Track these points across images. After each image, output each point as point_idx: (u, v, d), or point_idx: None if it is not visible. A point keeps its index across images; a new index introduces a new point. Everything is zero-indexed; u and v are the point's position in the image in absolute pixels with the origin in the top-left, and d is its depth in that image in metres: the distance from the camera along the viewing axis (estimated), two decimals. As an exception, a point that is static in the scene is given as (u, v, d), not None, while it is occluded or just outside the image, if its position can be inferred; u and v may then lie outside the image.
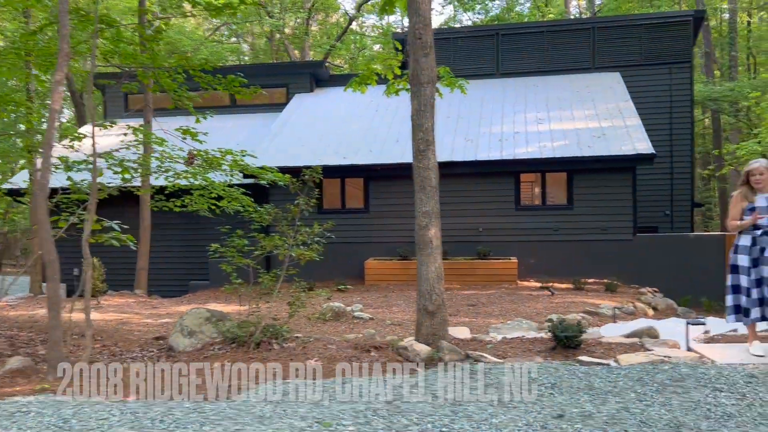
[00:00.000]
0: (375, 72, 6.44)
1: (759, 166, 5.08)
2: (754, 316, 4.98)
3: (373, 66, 6.37)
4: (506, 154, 13.96)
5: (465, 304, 11.63)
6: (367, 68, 6.42)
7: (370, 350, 5.49)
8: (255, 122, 18.08)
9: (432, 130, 5.42)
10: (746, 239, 5.08)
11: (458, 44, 18.22)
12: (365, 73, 6.42)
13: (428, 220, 5.40)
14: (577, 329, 5.19)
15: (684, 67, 16.95)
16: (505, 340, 5.78)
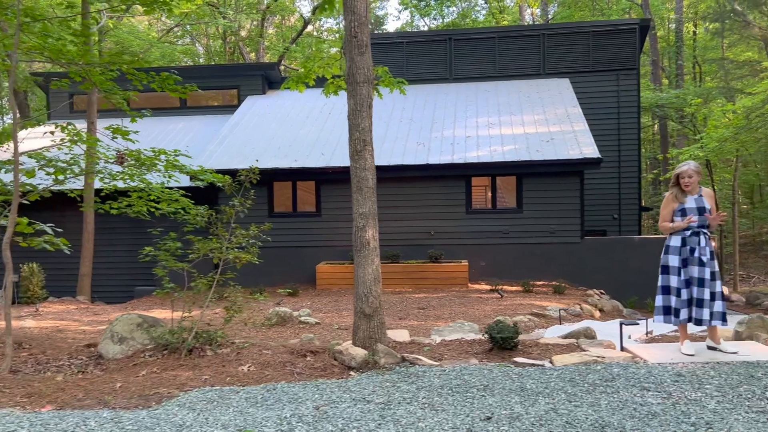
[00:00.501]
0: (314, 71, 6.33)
1: (688, 168, 5.16)
2: (683, 317, 5.04)
3: (310, 65, 6.25)
4: (457, 158, 14.01)
5: (416, 307, 11.60)
6: (305, 67, 6.30)
7: (306, 355, 5.36)
8: (205, 124, 17.73)
9: (369, 130, 5.34)
10: (676, 240, 5.15)
11: (412, 49, 18.27)
12: (303, 72, 6.29)
13: (365, 222, 5.31)
14: (513, 331, 5.17)
15: (631, 73, 17.36)
16: (444, 342, 5.73)
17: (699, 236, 5.07)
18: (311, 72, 6.26)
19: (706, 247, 5.07)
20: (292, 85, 6.42)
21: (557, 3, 33.93)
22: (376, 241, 5.40)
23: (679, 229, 5.11)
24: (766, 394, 3.96)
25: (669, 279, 5.16)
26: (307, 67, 6.23)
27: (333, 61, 6.18)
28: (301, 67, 6.26)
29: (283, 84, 6.53)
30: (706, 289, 5.00)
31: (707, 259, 5.04)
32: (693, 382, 4.28)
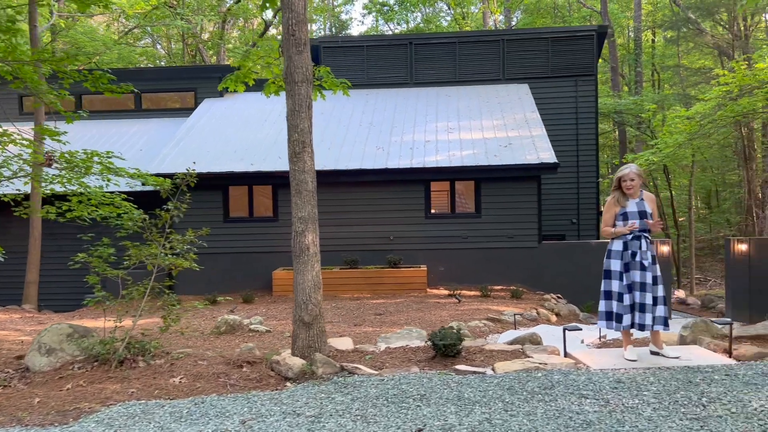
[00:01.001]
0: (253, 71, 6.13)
1: (630, 171, 5.12)
2: (625, 323, 4.98)
3: (249, 64, 6.05)
4: (416, 162, 13.93)
5: (373, 313, 11.45)
6: (243, 66, 6.10)
7: (242, 366, 5.14)
8: (161, 127, 17.31)
9: (309, 131, 5.17)
10: (618, 244, 5.10)
11: (372, 53, 18.16)
12: (242, 71, 6.09)
13: (305, 226, 5.13)
14: (455, 337, 5.05)
15: (589, 79, 17.55)
16: (388, 350, 5.58)
17: (640, 240, 5.03)
18: (250, 72, 6.06)
19: (648, 251, 5.03)
20: (230, 84, 6.20)
21: (520, 10, 34.31)
22: (317, 246, 5.23)
23: (621, 235, 5.06)
24: (702, 400, 3.90)
25: (611, 284, 5.10)
26: (245, 66, 6.04)
27: (272, 60, 6.00)
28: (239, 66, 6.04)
29: (221, 84, 6.33)
30: (648, 293, 4.95)
31: (649, 263, 5.00)
32: (632, 388, 4.21)
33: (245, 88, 6.34)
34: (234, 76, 6.13)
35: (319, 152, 14.51)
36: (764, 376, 4.39)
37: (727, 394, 4.01)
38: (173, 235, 5.90)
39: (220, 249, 14.22)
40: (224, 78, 6.21)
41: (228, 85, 6.21)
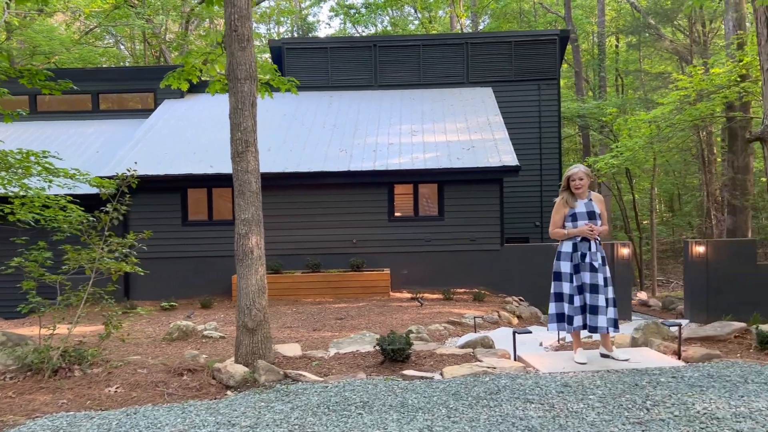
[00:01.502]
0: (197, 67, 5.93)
1: (579, 170, 5.07)
2: (576, 325, 4.93)
3: (192, 60, 5.85)
4: (379, 165, 13.81)
5: (333, 317, 11.28)
6: (186, 63, 5.90)
7: (183, 374, 4.95)
8: (119, 128, 16.89)
9: (253, 130, 5.00)
10: (568, 246, 5.04)
11: (336, 55, 18.02)
12: (185, 68, 5.89)
13: (248, 229, 4.97)
14: (404, 342, 4.93)
15: (552, 83, 17.68)
16: (338, 356, 5.44)
17: (590, 241, 4.98)
18: (194, 69, 5.87)
19: (598, 253, 4.99)
20: (173, 82, 6.00)
21: (488, 15, 34.53)
22: (261, 249, 5.06)
23: (572, 236, 5.01)
24: (646, 403, 3.85)
25: (561, 286, 5.04)
26: (188, 63, 5.84)
27: (215, 57, 5.82)
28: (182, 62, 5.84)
29: (163, 81, 6.11)
30: (600, 295, 4.90)
31: (599, 264, 4.95)
32: (578, 392, 4.14)
33: (189, 86, 6.14)
34: (176, 73, 5.93)
35: (281, 154, 14.32)
36: (710, 378, 4.37)
37: (671, 396, 3.96)
38: (113, 238, 5.66)
39: (179, 253, 13.91)
40: (166, 75, 6.00)
41: (170, 83, 6.00)
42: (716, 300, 13.49)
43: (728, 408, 3.69)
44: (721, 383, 4.22)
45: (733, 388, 4.12)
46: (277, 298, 13.20)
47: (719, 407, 3.72)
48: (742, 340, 5.59)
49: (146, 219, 14.09)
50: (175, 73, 5.93)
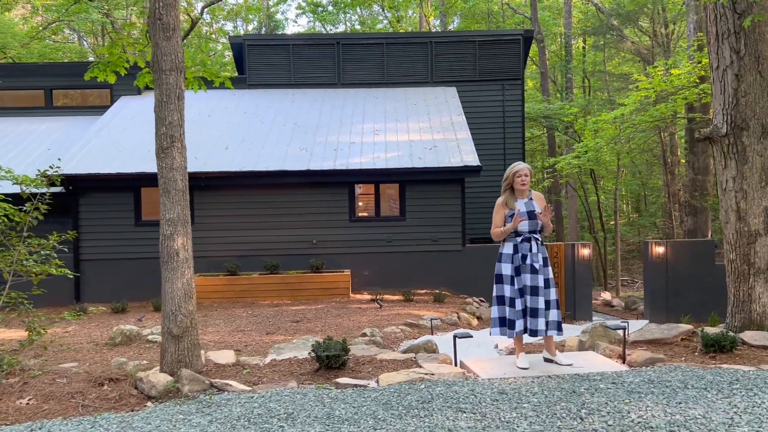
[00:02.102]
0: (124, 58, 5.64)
1: (524, 167, 4.92)
2: (518, 329, 4.76)
3: (117, 51, 5.55)
4: (340, 164, 13.57)
5: (290, 320, 11.01)
6: (110, 53, 5.59)
7: (104, 384, 4.65)
8: (73, 125, 16.36)
9: (179, 125, 4.74)
10: (509, 247, 4.88)
11: (299, 52, 17.72)
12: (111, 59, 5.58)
13: (173, 229, 4.70)
14: (340, 348, 4.71)
15: (516, 84, 17.63)
16: (274, 363, 5.19)
17: (530, 242, 4.82)
18: (121, 60, 5.57)
19: (539, 254, 4.83)
20: (99, 74, 5.69)
21: (457, 16, 34.52)
22: (188, 251, 4.79)
23: (509, 231, 4.84)
24: (581, 412, 3.69)
25: (503, 288, 4.87)
26: (114, 53, 5.54)
27: (143, 48, 5.53)
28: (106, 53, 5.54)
29: (87, 72, 5.79)
30: (541, 297, 4.74)
31: (540, 265, 4.80)
32: (513, 400, 3.97)
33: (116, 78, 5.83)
34: (102, 64, 5.62)
35: (240, 153, 13.99)
36: (650, 383, 4.24)
37: (608, 404, 3.81)
38: (33, 240, 5.32)
39: (133, 254, 13.49)
40: (90, 67, 5.69)
41: (95, 74, 5.69)
42: (676, 300, 13.56)
43: (663, 416, 3.55)
44: (661, 389, 4.09)
45: (672, 394, 3.99)
46: (233, 301, 12.88)
47: (655, 415, 3.57)
48: (688, 342, 5.50)
49: (98, 219, 13.64)
50: (101, 65, 5.62)
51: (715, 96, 6.27)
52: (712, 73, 6.27)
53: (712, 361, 4.96)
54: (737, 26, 5.95)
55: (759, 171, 6.00)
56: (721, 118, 6.15)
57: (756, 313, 6.01)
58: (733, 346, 5.08)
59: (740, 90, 6.00)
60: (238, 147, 14.19)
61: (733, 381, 4.25)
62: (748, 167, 6.02)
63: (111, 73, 5.65)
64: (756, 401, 3.78)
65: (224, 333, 9.91)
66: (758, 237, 6.00)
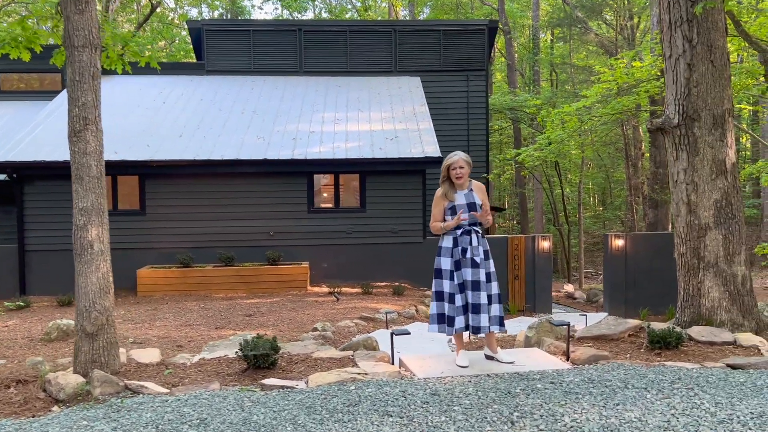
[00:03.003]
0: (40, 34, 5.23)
1: (459, 158, 4.67)
2: (458, 326, 4.52)
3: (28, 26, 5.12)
4: (298, 154, 13.22)
5: (242, 314, 10.68)
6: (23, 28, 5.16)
7: (10, 386, 4.29)
8: (21, 111, 15.70)
9: (94, 106, 4.39)
10: (448, 240, 4.64)
11: (259, 38, 17.25)
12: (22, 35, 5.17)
13: (87, 219, 4.35)
14: (269, 347, 4.43)
15: (480, 75, 17.45)
16: (202, 362, 4.89)
17: (471, 235, 4.59)
18: (35, 36, 5.17)
19: (480, 247, 4.60)
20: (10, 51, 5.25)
21: (427, 6, 34.23)
22: (103, 243, 4.45)
23: (450, 229, 4.61)
24: (513, 415, 3.48)
25: (442, 284, 4.63)
26: (27, 27, 5.13)
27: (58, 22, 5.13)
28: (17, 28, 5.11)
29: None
30: (482, 292, 4.51)
31: (481, 259, 4.57)
32: (444, 402, 3.74)
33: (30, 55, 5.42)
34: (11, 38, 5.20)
35: (194, 141, 13.53)
36: (590, 383, 4.06)
37: (542, 406, 3.61)
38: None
39: (81, 245, 12.93)
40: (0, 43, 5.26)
41: (7, 51, 5.27)
42: (635, 293, 13.57)
43: (598, 419, 3.36)
44: (600, 389, 3.91)
45: (611, 395, 3.80)
46: (185, 294, 12.48)
47: (589, 418, 3.38)
48: (635, 338, 5.35)
49: (44, 209, 13.08)
50: (12, 41, 5.20)
51: (667, 86, 6.12)
52: (665, 63, 6.12)
53: (657, 358, 4.81)
54: (690, 14, 5.80)
55: (710, 163, 5.88)
56: (673, 109, 6.01)
57: (705, 308, 5.90)
58: (678, 342, 4.94)
59: (692, 80, 5.86)
60: (192, 135, 13.73)
61: (674, 380, 4.09)
62: (699, 159, 5.89)
63: (24, 50, 5.24)
64: (695, 402, 3.62)
65: (171, 327, 9.55)
66: (708, 230, 5.89)
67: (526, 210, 25.64)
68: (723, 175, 5.88)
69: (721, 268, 5.87)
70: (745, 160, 27.53)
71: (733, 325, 5.77)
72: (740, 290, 5.86)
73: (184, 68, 17.65)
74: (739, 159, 27.30)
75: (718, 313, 5.84)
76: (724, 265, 5.86)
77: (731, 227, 5.88)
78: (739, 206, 5.96)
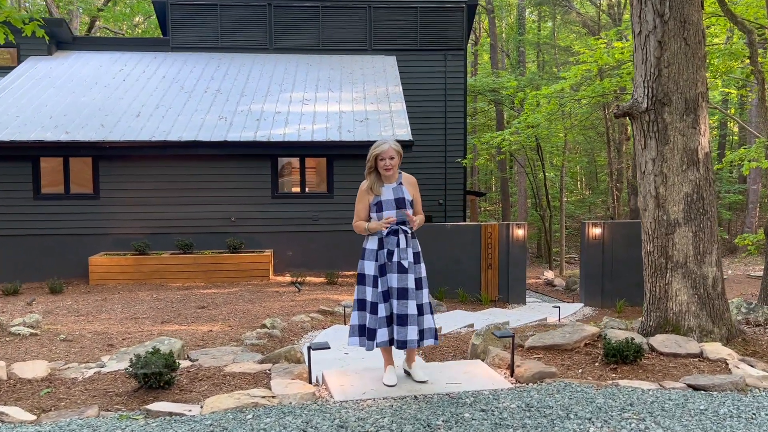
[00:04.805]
0: None
1: (389, 147, 4.04)
2: (380, 339, 3.92)
3: None
4: (261, 136, 12.55)
5: (195, 306, 10.10)
6: None
7: None
8: (-29, 87, 14.83)
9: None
10: (372, 242, 4.03)
11: (227, 13, 16.43)
12: None
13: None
14: (163, 363, 3.83)
15: (458, 54, 16.76)
16: (96, 376, 4.28)
17: (398, 235, 3.99)
18: None
19: (408, 249, 4.00)
20: None
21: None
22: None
23: (374, 231, 4.01)
24: (424, 458, 2.91)
25: (364, 291, 4.03)
26: None
27: None
28: None
29: None
30: (410, 301, 3.91)
31: (410, 263, 3.97)
32: (349, 438, 3.17)
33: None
34: None
35: (152, 121, 12.80)
36: (528, 410, 3.49)
37: (462, 445, 3.04)
38: None
39: (30, 230, 12.29)
40: None
41: None
42: (612, 283, 13.08)
43: (524, 466, 2.80)
44: (537, 420, 3.35)
45: (549, 427, 3.25)
46: (140, 283, 11.86)
47: (514, 464, 2.82)
48: (591, 348, 4.80)
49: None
50: None
51: (636, 66, 5.51)
52: (635, 40, 5.51)
53: (612, 374, 4.27)
54: (662, -15, 5.17)
55: (681, 152, 5.30)
56: (642, 92, 5.40)
57: (672, 312, 5.36)
58: (637, 355, 4.39)
59: (663, 59, 5.25)
60: (150, 115, 13.00)
61: (625, 406, 3.54)
62: (669, 148, 5.31)
63: None
64: (644, 439, 3.07)
65: (114, 321, 8.95)
66: (677, 227, 5.32)
67: (507, 194, 25.09)
68: (695, 165, 5.31)
69: (691, 269, 5.32)
70: (731, 145, 27.07)
71: (701, 332, 5.24)
72: (710, 293, 5.32)
73: (148, 44, 16.83)
74: (726, 146, 26.83)
75: (686, 319, 5.31)
76: (693, 265, 5.31)
77: (702, 224, 5.32)
78: (712, 201, 5.39)
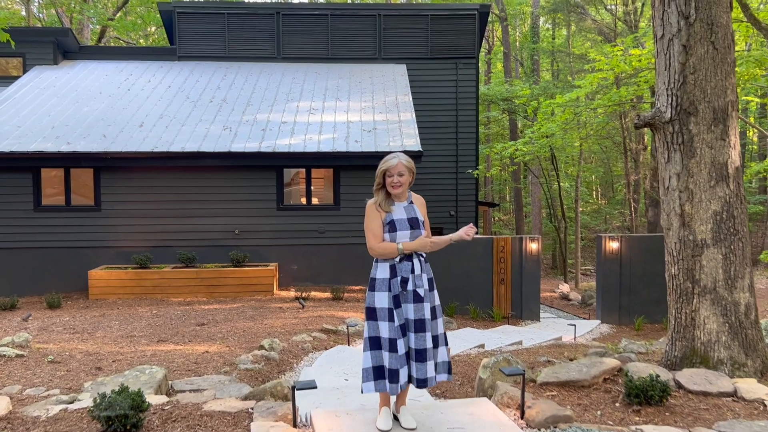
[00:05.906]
0: None
1: (398, 162, 3.60)
2: (403, 380, 3.43)
3: None
4: (266, 146, 12.21)
5: (195, 322, 9.72)
6: None
7: None
8: (-23, 97, 14.68)
9: None
10: (383, 269, 3.55)
11: (234, 22, 16.18)
12: None
13: None
14: (128, 405, 3.42)
15: (470, 62, 16.36)
16: (61, 415, 3.87)
17: (412, 260, 3.54)
18: None
19: (423, 274, 3.54)
20: None
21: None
22: None
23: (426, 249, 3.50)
24: None
25: (378, 327, 3.51)
26: None
27: None
28: None
29: None
30: (428, 333, 3.44)
31: (426, 290, 3.51)
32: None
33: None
34: None
35: (155, 131, 12.52)
36: (538, 465, 3.05)
37: None
38: None
39: (30, 243, 12.03)
40: None
41: None
42: (629, 299, 12.57)
43: None
44: (549, 479, 2.90)
45: (562, 489, 2.80)
46: (140, 297, 11.54)
47: None
48: (611, 385, 4.33)
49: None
50: None
51: (658, 72, 5.07)
52: (656, 45, 5.06)
53: (636, 417, 3.80)
54: (687, -16, 4.73)
55: (708, 166, 4.84)
56: (665, 100, 4.96)
57: (700, 342, 4.88)
58: (663, 395, 3.92)
59: (689, 65, 4.80)
60: (153, 125, 12.73)
61: (652, 461, 3.08)
62: (696, 161, 4.85)
63: None
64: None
65: (108, 340, 8.59)
66: (705, 248, 4.85)
67: (521, 205, 24.57)
68: (724, 181, 4.84)
69: (720, 295, 4.84)
70: (751, 155, 26.36)
71: (733, 364, 4.75)
72: (743, 322, 4.84)
73: (155, 54, 16.61)
74: (746, 155, 26.10)
75: (715, 349, 4.82)
76: (723, 290, 4.84)
77: (733, 245, 4.84)
78: (743, 219, 4.92)
